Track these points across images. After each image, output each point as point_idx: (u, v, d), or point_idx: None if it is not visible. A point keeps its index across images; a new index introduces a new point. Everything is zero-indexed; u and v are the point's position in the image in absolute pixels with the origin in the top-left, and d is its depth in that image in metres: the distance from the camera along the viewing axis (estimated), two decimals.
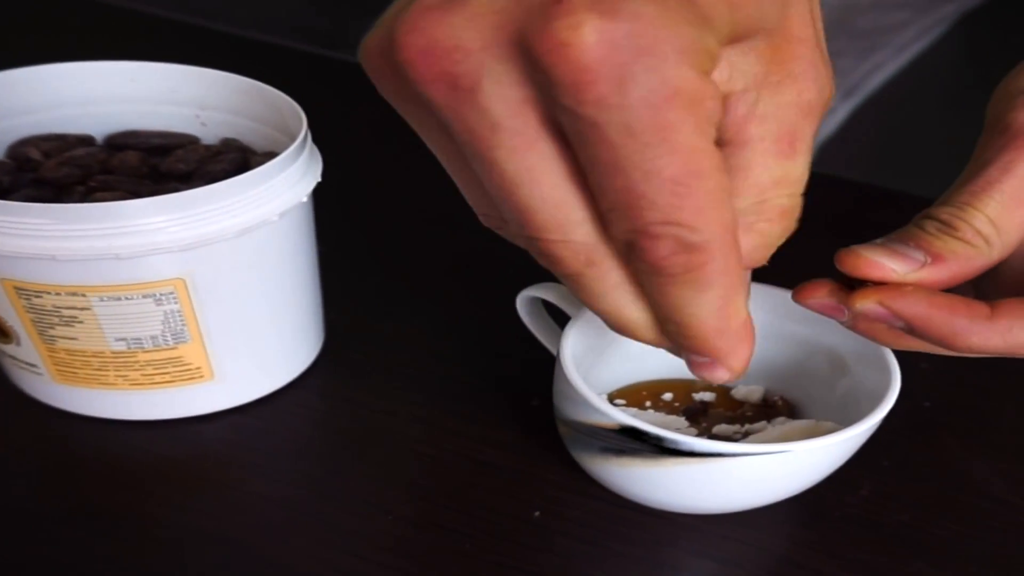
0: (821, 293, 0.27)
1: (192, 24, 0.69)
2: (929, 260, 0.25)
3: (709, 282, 0.21)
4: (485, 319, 0.41)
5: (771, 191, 0.23)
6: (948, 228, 0.25)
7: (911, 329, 0.25)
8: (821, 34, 0.23)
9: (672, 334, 0.23)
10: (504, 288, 0.36)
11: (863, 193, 0.55)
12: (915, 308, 0.25)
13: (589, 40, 0.18)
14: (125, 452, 0.34)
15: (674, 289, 0.22)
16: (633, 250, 0.21)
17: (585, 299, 0.24)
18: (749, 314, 0.24)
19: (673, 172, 0.20)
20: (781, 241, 0.24)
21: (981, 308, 0.25)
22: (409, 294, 0.43)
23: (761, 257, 0.24)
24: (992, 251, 0.25)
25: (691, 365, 0.24)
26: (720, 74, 0.21)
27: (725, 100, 0.22)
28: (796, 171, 0.23)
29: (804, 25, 0.22)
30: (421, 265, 0.45)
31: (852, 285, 0.26)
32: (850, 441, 0.27)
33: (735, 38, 0.21)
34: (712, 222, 0.20)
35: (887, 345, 0.28)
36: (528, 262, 0.46)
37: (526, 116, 0.20)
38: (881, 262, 0.25)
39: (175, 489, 0.32)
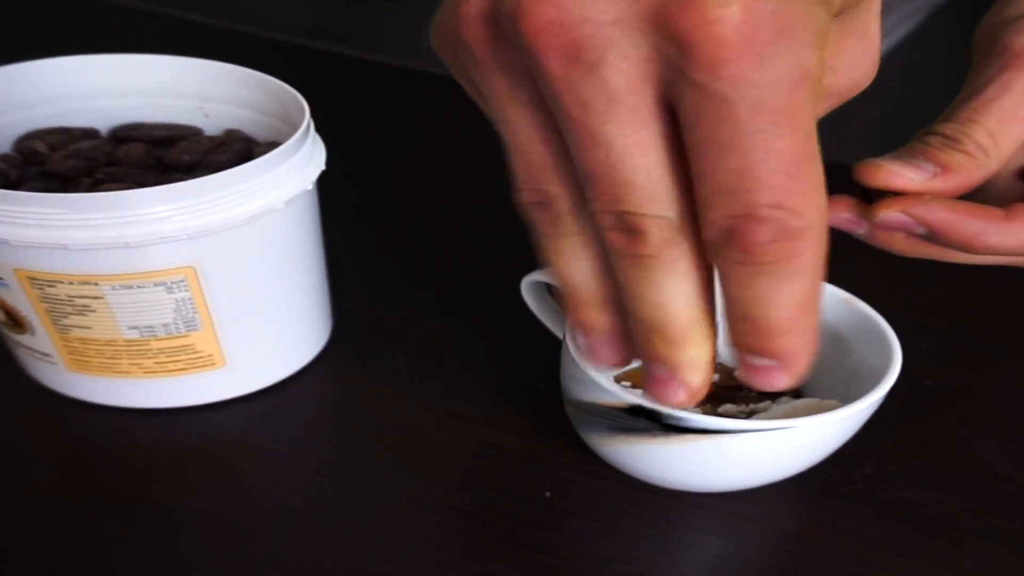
0: (841, 208, 0.27)
1: (191, 20, 0.69)
2: (938, 171, 0.26)
3: (801, 272, 0.21)
4: (491, 304, 0.41)
5: None
6: (951, 142, 0.27)
7: (932, 235, 0.26)
8: (879, 38, 0.23)
9: (740, 334, 0.23)
10: (509, 274, 0.36)
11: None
12: (937, 214, 0.26)
13: (736, 17, 0.18)
14: (139, 440, 0.34)
15: (761, 279, 0.21)
16: (731, 236, 0.21)
17: (639, 287, 0.23)
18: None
19: (792, 154, 0.20)
20: None
21: (996, 212, 0.26)
22: (415, 281, 0.43)
23: None
24: (990, 163, 0.27)
25: (748, 371, 0.23)
26: None
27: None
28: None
29: (867, 23, 0.23)
30: (426, 252, 0.46)
31: (867, 199, 0.27)
32: (853, 417, 0.28)
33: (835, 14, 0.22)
34: (816, 207, 0.20)
35: (903, 253, 0.29)
36: (532, 247, 0.47)
37: (643, 93, 0.20)
38: (902, 171, 0.26)
39: (189, 476, 0.33)
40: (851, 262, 0.45)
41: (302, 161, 0.31)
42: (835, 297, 0.32)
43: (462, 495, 0.32)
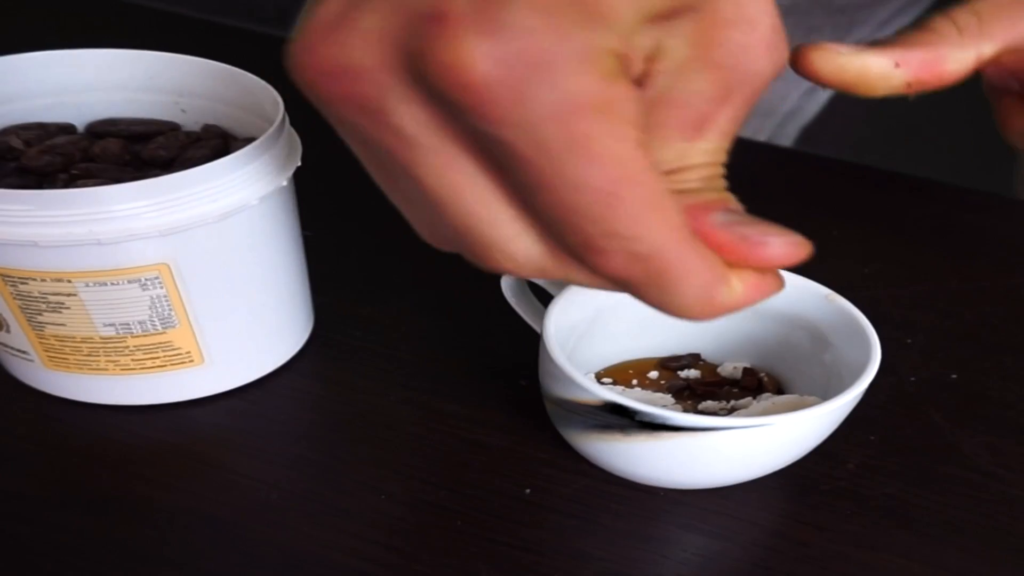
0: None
1: (169, 11, 0.69)
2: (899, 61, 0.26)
3: (676, 284, 0.20)
4: (472, 300, 0.41)
5: (678, 164, 0.22)
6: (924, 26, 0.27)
7: None
8: (770, 15, 0.22)
9: None
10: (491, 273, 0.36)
11: (855, 173, 0.55)
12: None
13: (480, 64, 0.17)
14: (118, 437, 0.34)
15: (647, 293, 0.21)
16: (589, 264, 0.20)
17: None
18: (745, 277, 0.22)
19: (599, 183, 0.19)
20: (714, 189, 0.23)
21: None
22: (396, 277, 0.43)
23: (699, 206, 0.22)
24: (965, 43, 0.26)
25: None
26: (648, 53, 0.21)
27: (640, 82, 0.21)
28: (702, 149, 0.22)
29: (737, 6, 0.21)
30: (406, 247, 0.45)
31: None
32: (832, 413, 0.27)
33: (657, 17, 0.20)
34: (655, 227, 0.20)
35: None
36: None
37: (441, 134, 0.19)
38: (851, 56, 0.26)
39: (168, 472, 0.33)
40: (835, 257, 0.45)
41: (277, 157, 0.31)
42: (815, 294, 0.32)
43: (442, 492, 0.32)
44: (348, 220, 0.47)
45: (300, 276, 0.37)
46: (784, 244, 0.22)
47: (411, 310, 0.41)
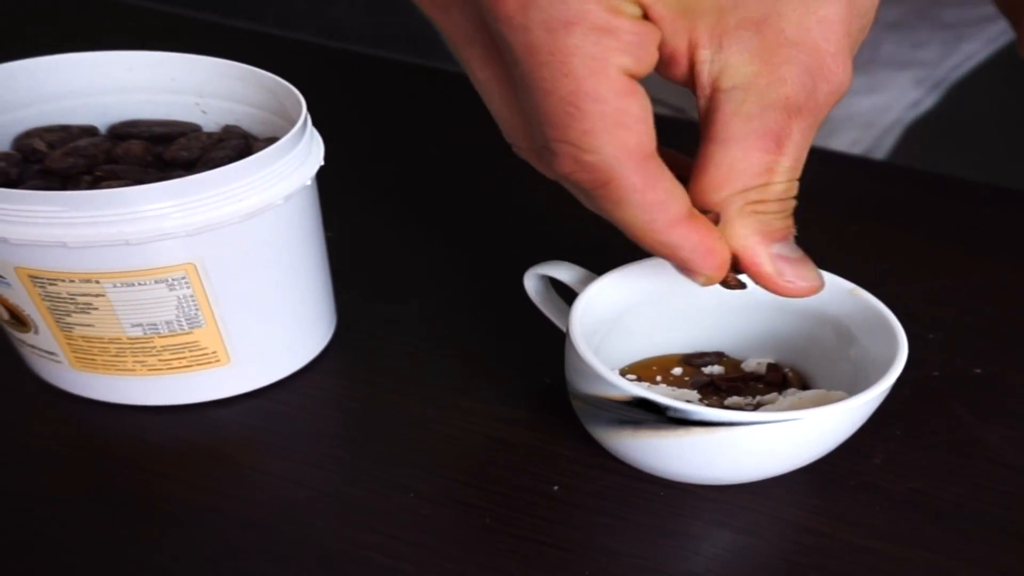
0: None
1: (187, 16, 0.69)
2: None
3: (620, 200, 0.23)
4: (495, 298, 0.41)
5: (759, 181, 0.24)
6: None
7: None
8: (837, 36, 0.23)
9: None
10: (514, 267, 0.36)
11: (872, 169, 0.55)
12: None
13: None
14: (145, 437, 0.34)
15: (594, 201, 0.24)
16: (547, 160, 0.23)
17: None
18: (707, 225, 0.24)
19: (565, 93, 0.21)
20: (784, 216, 0.25)
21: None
22: (417, 276, 0.43)
23: (770, 234, 0.25)
24: None
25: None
26: (711, 69, 0.23)
27: (715, 96, 0.23)
28: (784, 164, 0.24)
29: (803, 29, 0.22)
30: (430, 246, 0.45)
31: None
32: (859, 409, 0.27)
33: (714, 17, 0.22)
34: (607, 144, 0.22)
35: None
36: (535, 241, 0.47)
37: (475, 38, 0.23)
38: None
39: (195, 472, 0.33)
40: (858, 253, 0.45)
41: (300, 156, 0.31)
42: (840, 288, 0.32)
43: (469, 489, 0.32)
44: (369, 220, 0.47)
45: (323, 275, 0.37)
46: (802, 289, 0.26)
47: (433, 309, 0.41)
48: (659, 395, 0.27)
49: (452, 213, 0.48)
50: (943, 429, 0.35)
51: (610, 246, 0.31)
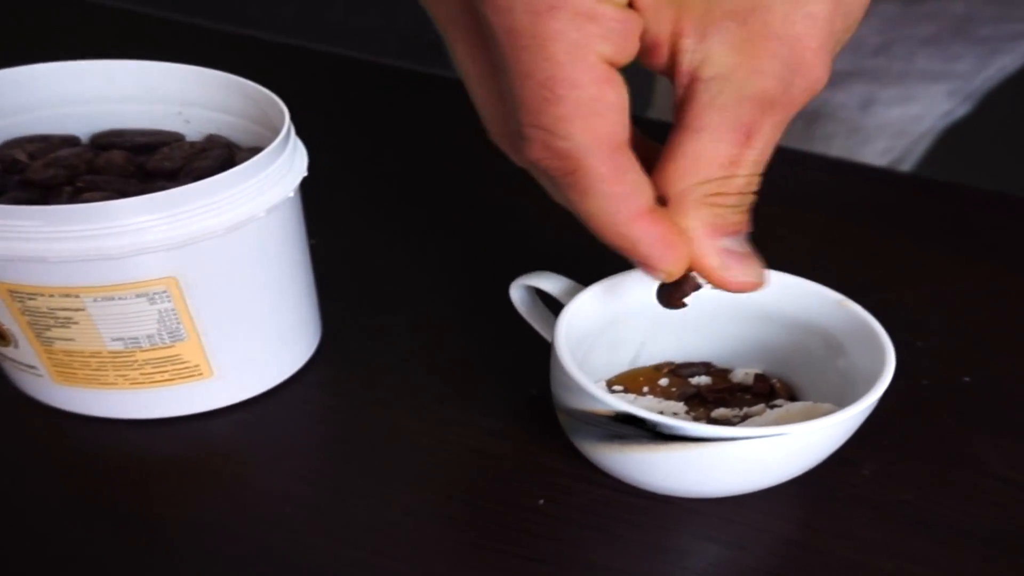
0: None
1: (172, 19, 0.69)
2: None
3: (586, 189, 0.23)
4: (480, 308, 0.41)
5: (723, 172, 0.24)
6: None
7: None
8: (820, 32, 0.23)
9: None
10: (498, 277, 0.36)
11: (861, 174, 0.54)
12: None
13: None
14: (128, 451, 0.34)
15: (561, 189, 0.24)
16: (518, 146, 0.23)
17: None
18: (669, 220, 0.24)
19: (543, 78, 0.21)
20: (741, 211, 0.25)
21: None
22: (403, 286, 0.43)
23: (722, 227, 0.25)
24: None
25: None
26: (692, 59, 0.23)
27: (692, 85, 0.23)
28: (750, 157, 0.24)
29: (788, 23, 0.22)
30: (413, 255, 0.45)
31: None
32: (846, 423, 0.27)
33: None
34: (580, 132, 0.22)
35: None
36: (524, 250, 0.46)
37: (462, 20, 0.23)
38: None
39: (179, 487, 0.32)
40: (842, 259, 0.45)
41: (283, 168, 0.31)
42: (828, 299, 0.32)
43: (454, 504, 0.32)
44: (354, 227, 0.47)
45: (307, 287, 0.36)
46: (743, 284, 0.26)
47: (419, 319, 0.41)
48: (644, 410, 0.27)
49: (440, 221, 0.48)
50: (933, 439, 0.35)
51: (601, 256, 0.31)
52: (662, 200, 0.25)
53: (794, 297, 0.32)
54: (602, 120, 0.22)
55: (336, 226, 0.46)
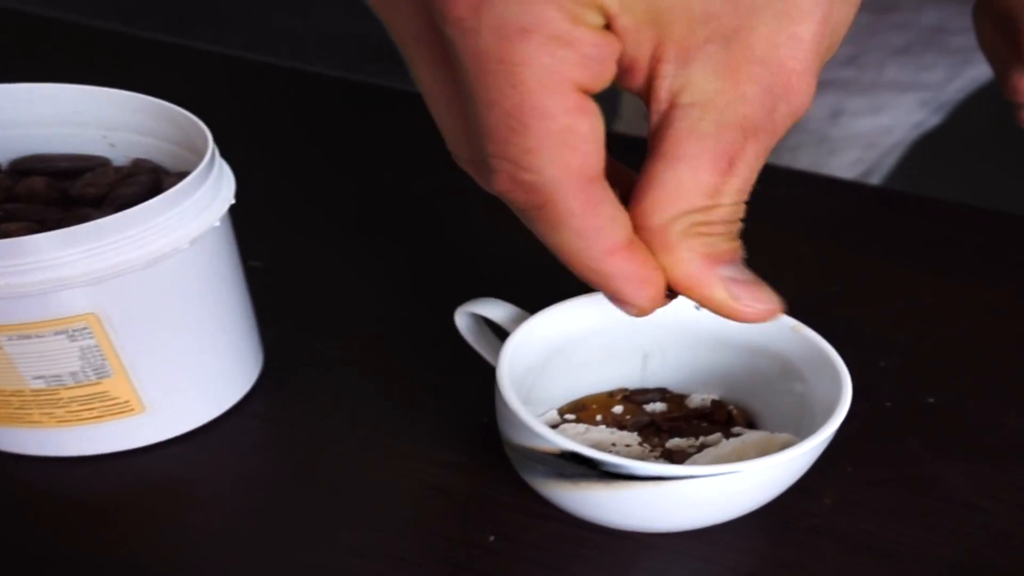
0: None
1: (100, 28, 0.66)
2: None
3: (556, 223, 0.21)
4: (429, 332, 0.39)
5: (705, 202, 0.22)
6: None
7: None
8: (806, 55, 0.22)
9: None
10: (448, 299, 0.35)
11: (823, 186, 0.53)
12: None
13: None
14: (57, 490, 0.32)
15: (529, 221, 0.22)
16: (485, 176, 0.22)
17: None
18: (645, 254, 0.23)
19: (510, 106, 0.20)
20: (729, 238, 0.24)
21: None
22: (349, 309, 0.41)
23: (715, 256, 0.23)
24: None
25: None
26: (672, 84, 0.21)
27: (671, 112, 0.22)
28: (733, 185, 0.22)
29: (772, 46, 0.21)
30: (361, 278, 0.43)
31: None
32: (803, 457, 0.26)
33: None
34: (549, 165, 0.20)
35: None
36: (471, 271, 0.45)
37: (424, 38, 0.21)
38: None
39: (112, 527, 0.31)
40: (804, 274, 0.44)
41: (207, 197, 0.29)
42: (782, 325, 0.30)
43: (402, 541, 0.31)
44: (299, 248, 0.45)
45: (244, 315, 0.35)
46: (761, 313, 0.24)
47: (365, 344, 0.39)
48: (592, 449, 0.25)
49: (390, 241, 0.46)
50: (896, 465, 0.34)
51: (558, 278, 0.29)
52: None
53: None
54: (574, 152, 0.20)
55: (279, 247, 0.44)
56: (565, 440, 0.26)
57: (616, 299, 0.24)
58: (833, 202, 0.51)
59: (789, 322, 0.30)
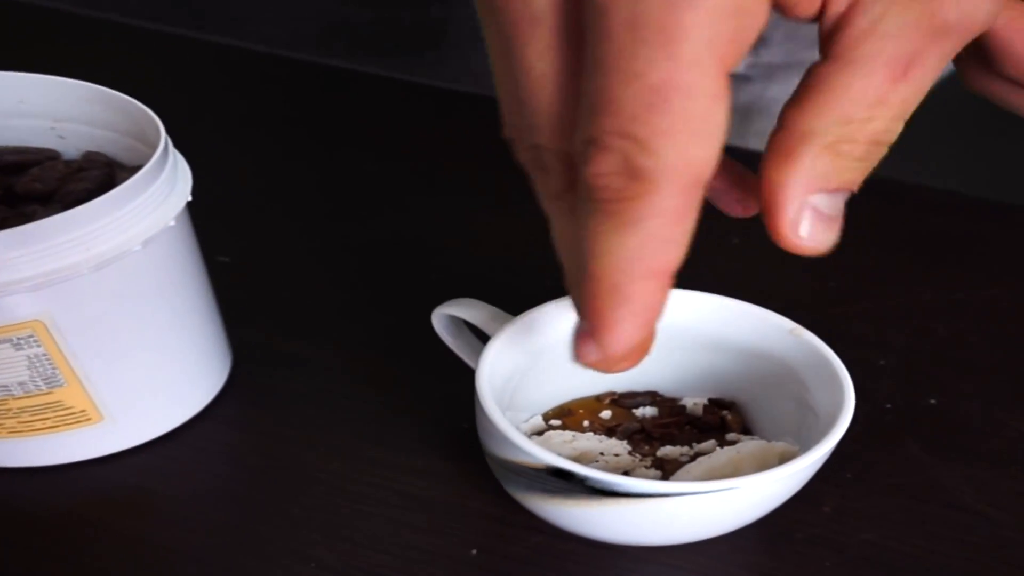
0: None
1: (29, 4, 0.63)
2: None
3: (634, 223, 0.19)
4: (406, 332, 0.37)
5: (866, 112, 0.20)
6: None
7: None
8: None
9: (573, 283, 0.22)
10: (426, 297, 0.33)
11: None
12: None
13: None
14: (9, 503, 0.30)
15: (592, 219, 0.20)
16: (581, 162, 0.19)
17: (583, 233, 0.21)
18: (652, 313, 0.21)
19: (657, 80, 0.18)
20: (863, 168, 0.21)
21: None
22: (323, 308, 0.39)
23: (839, 181, 0.21)
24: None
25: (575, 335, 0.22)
26: None
27: (849, 11, 0.20)
28: (901, 96, 0.20)
29: None
30: (335, 274, 0.41)
31: None
32: (801, 473, 0.24)
33: None
34: (674, 150, 0.18)
35: None
36: (448, 268, 0.43)
37: (554, 16, 0.19)
38: None
39: (68, 542, 0.29)
40: (799, 269, 0.42)
41: (160, 194, 0.27)
42: (780, 328, 0.29)
43: (379, 556, 0.29)
44: (269, 243, 0.43)
45: (209, 315, 0.33)
46: (806, 247, 0.22)
47: (338, 345, 0.37)
48: (578, 465, 0.24)
49: (364, 236, 0.44)
50: (897, 470, 0.32)
51: (539, 277, 0.28)
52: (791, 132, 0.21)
53: (745, 325, 0.29)
54: (703, 144, 0.19)
55: (249, 242, 0.42)
56: (549, 455, 0.24)
57: (598, 332, 0.21)
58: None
59: (787, 324, 0.29)
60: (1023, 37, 0.23)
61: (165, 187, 0.27)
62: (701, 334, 0.30)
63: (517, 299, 0.30)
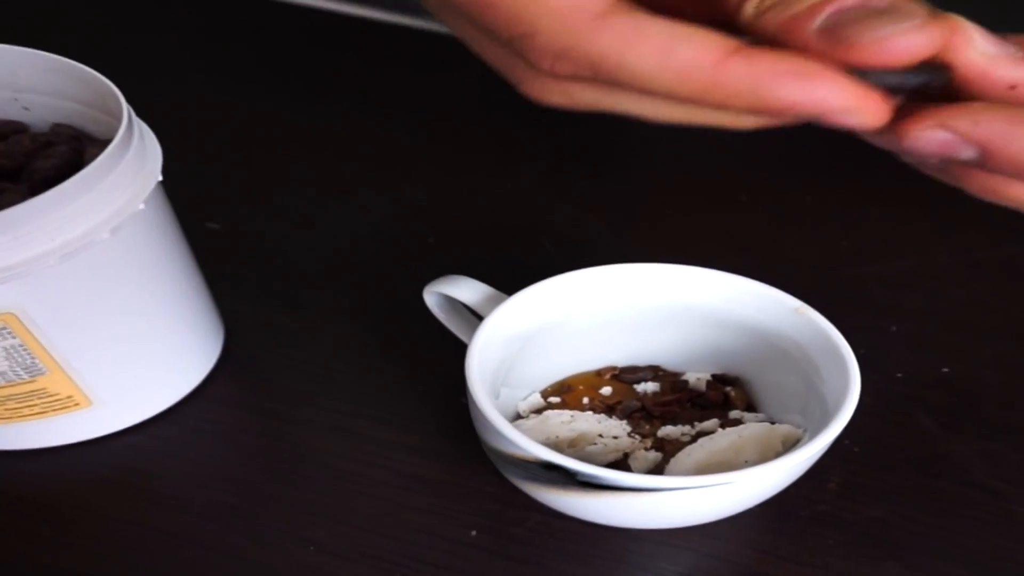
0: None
1: None
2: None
3: (614, 69, 0.20)
4: (405, 306, 0.36)
5: None
6: None
7: (985, 158, 0.21)
8: None
9: None
10: (425, 272, 0.32)
11: (828, 133, 0.49)
12: (992, 126, 0.20)
13: None
14: (1, 486, 0.30)
15: (612, 91, 0.21)
16: None
17: None
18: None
19: None
20: None
21: None
22: (317, 277, 0.38)
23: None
24: None
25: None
26: None
27: None
28: None
29: None
30: (328, 243, 0.40)
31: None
32: (803, 463, 0.23)
33: None
34: (542, 18, 0.20)
35: (941, 178, 0.25)
36: (443, 238, 0.41)
37: None
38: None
39: (60, 527, 0.29)
40: (809, 228, 0.41)
41: (124, 177, 0.25)
42: (785, 306, 0.27)
43: (378, 539, 0.28)
44: (265, 208, 0.42)
45: (194, 293, 0.31)
46: (1007, 76, 0.20)
47: (334, 318, 0.36)
48: (570, 459, 0.23)
49: (363, 201, 0.42)
50: (907, 444, 0.31)
51: (538, 247, 0.26)
52: None
53: (749, 301, 0.28)
54: None
55: (241, 206, 0.41)
56: (541, 449, 0.23)
57: (831, 111, 0.21)
58: (837, 149, 0.47)
59: (791, 303, 0.27)
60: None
61: (132, 166, 0.25)
62: (705, 310, 0.29)
63: (516, 268, 0.29)
